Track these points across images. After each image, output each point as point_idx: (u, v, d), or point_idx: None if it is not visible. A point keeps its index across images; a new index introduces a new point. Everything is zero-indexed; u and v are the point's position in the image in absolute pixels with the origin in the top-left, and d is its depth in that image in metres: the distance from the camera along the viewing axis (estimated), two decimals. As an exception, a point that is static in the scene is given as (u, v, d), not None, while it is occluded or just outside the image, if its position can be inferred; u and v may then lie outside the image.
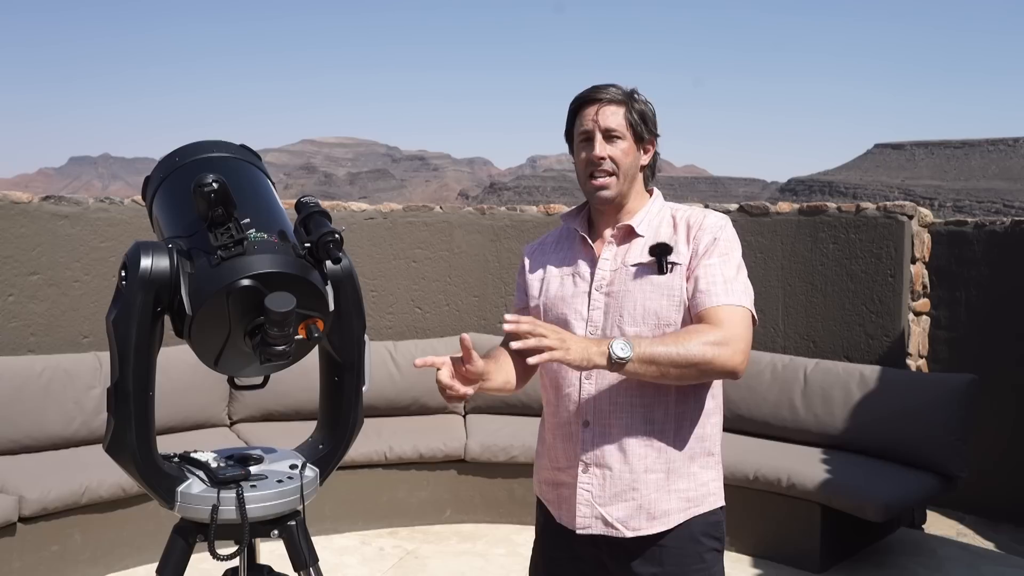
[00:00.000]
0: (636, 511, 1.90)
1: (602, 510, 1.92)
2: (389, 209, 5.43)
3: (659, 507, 1.90)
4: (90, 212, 4.62)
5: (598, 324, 1.93)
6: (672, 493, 1.91)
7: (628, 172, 1.95)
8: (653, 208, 2.00)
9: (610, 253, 1.98)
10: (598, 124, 1.93)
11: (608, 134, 1.92)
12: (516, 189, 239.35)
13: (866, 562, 4.13)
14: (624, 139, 1.93)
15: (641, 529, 1.90)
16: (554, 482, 2.02)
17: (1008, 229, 4.97)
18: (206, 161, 1.67)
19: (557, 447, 2.01)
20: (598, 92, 1.95)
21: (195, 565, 1.64)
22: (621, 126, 1.93)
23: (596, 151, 1.92)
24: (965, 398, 4.22)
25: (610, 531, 1.92)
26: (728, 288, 1.87)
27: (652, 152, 2.01)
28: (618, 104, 1.93)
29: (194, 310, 1.49)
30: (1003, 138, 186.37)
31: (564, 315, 1.97)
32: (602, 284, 1.95)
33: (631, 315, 1.90)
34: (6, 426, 4.00)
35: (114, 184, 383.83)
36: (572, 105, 1.99)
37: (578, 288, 1.98)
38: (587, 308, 1.95)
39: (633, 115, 1.94)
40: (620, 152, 1.93)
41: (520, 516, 4.46)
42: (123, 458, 1.55)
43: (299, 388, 3.06)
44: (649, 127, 1.97)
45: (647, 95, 2.00)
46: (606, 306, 1.93)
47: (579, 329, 1.94)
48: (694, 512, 1.93)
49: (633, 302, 1.90)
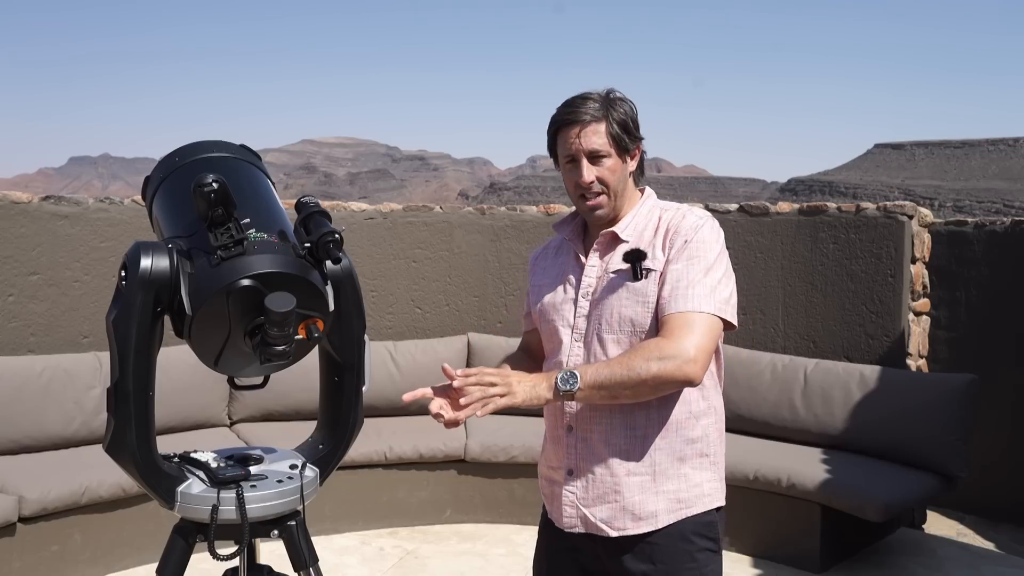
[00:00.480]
0: (620, 512, 1.92)
1: (585, 511, 1.95)
2: (389, 209, 5.43)
3: (645, 508, 1.91)
4: (90, 212, 4.62)
5: (582, 331, 1.96)
6: (660, 494, 1.91)
7: (618, 187, 1.94)
8: (642, 211, 1.99)
9: (596, 260, 1.98)
10: (581, 148, 1.90)
11: (593, 156, 1.90)
12: (516, 189, 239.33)
13: (866, 562, 4.13)
14: (609, 156, 1.91)
15: (627, 529, 1.92)
16: (549, 479, 2.07)
17: (1008, 229, 4.97)
18: (206, 161, 1.67)
19: (548, 448, 2.08)
20: (576, 112, 1.90)
21: (195, 565, 1.64)
22: (605, 145, 1.90)
23: (584, 177, 1.91)
24: (965, 398, 4.22)
25: (594, 531, 1.95)
26: (688, 293, 1.83)
27: (638, 156, 1.99)
28: (598, 121, 1.90)
29: (194, 310, 1.49)
30: (1003, 138, 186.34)
31: (553, 321, 2.01)
32: (588, 291, 1.97)
33: (608, 322, 1.91)
34: (6, 426, 4.01)
35: (114, 184, 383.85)
36: (551, 127, 1.96)
37: (567, 295, 2.00)
38: (573, 315, 1.97)
39: (614, 128, 1.90)
40: (607, 171, 1.91)
41: (520, 516, 4.46)
42: (123, 458, 1.55)
43: (299, 388, 3.06)
44: (632, 135, 1.93)
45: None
46: (589, 313, 1.95)
47: (566, 336, 1.97)
48: (686, 513, 1.92)
49: (610, 309, 1.91)
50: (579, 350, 1.95)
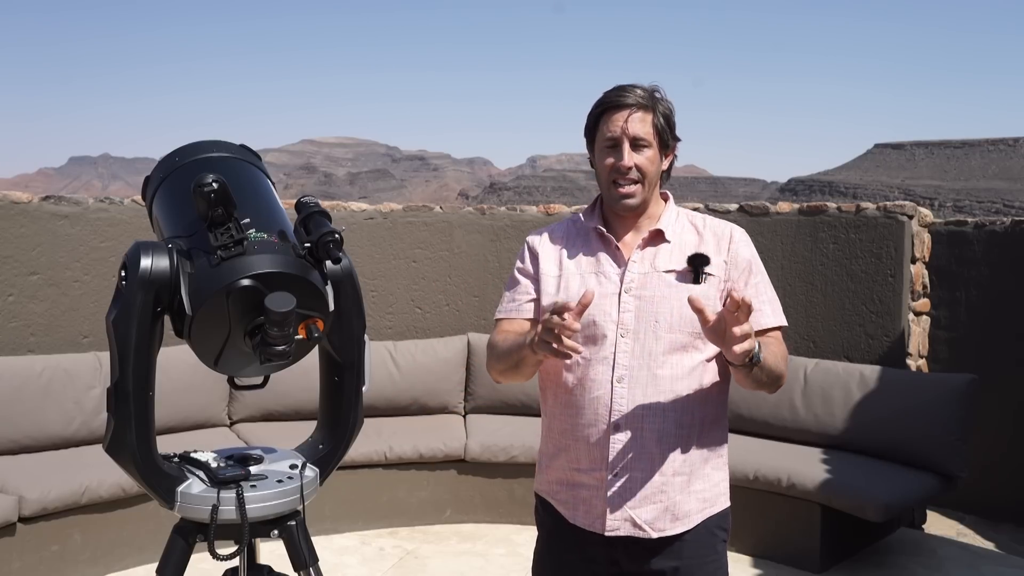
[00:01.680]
0: (663, 513, 1.92)
1: (632, 512, 1.92)
2: (389, 209, 5.43)
3: (682, 508, 1.93)
4: (90, 212, 4.62)
5: (629, 327, 1.92)
6: (692, 494, 1.94)
7: (653, 180, 1.96)
8: (672, 213, 2.02)
9: (638, 256, 1.97)
10: (627, 132, 1.91)
11: (635, 142, 1.92)
12: (516, 189, 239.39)
13: (866, 562, 4.13)
14: (650, 147, 1.93)
15: (666, 530, 1.93)
16: (571, 483, 1.99)
17: (1008, 229, 4.97)
18: (206, 161, 1.67)
19: (579, 449, 1.96)
20: (626, 96, 1.93)
21: (195, 565, 1.64)
22: (649, 134, 1.92)
23: (624, 160, 1.91)
24: (965, 398, 4.22)
25: (638, 532, 1.92)
26: (774, 308, 1.98)
27: (672, 157, 2.01)
28: (646, 110, 1.92)
29: (194, 310, 1.49)
30: (1003, 138, 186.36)
31: (592, 315, 1.91)
32: (631, 287, 1.94)
33: (667, 320, 1.90)
34: (6, 426, 4.00)
35: (114, 184, 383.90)
36: (597, 108, 1.97)
37: (604, 289, 1.95)
38: (617, 310, 1.93)
39: (659, 120, 1.93)
40: (646, 160, 1.93)
41: (520, 516, 4.46)
42: (123, 458, 1.55)
43: (299, 388, 3.06)
44: (672, 132, 1.97)
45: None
46: (637, 309, 1.92)
47: (610, 331, 1.92)
48: (709, 512, 1.97)
49: (669, 308, 1.91)
50: (627, 345, 1.91)
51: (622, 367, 1.91)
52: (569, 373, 1.97)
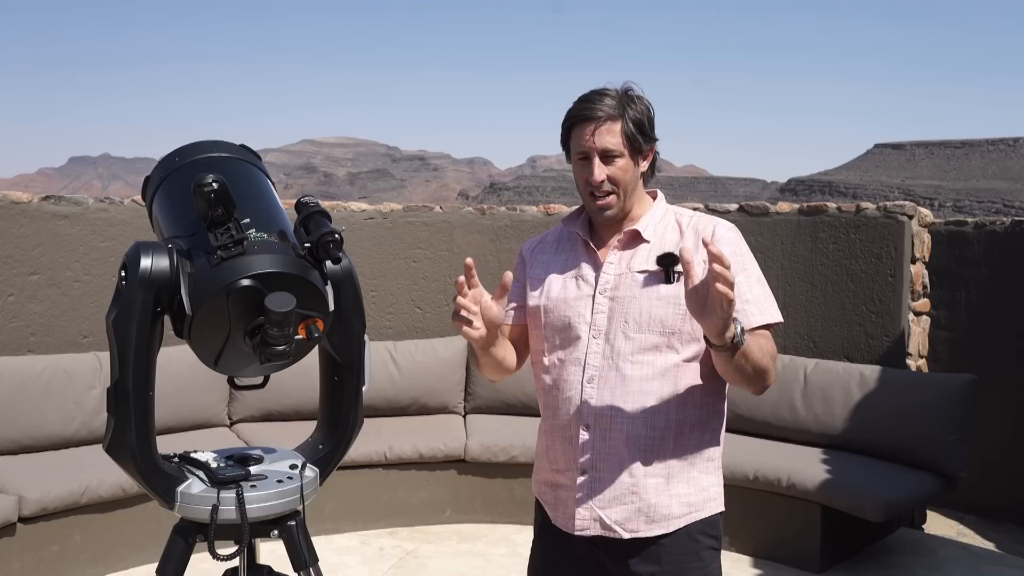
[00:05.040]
0: (635, 514, 1.90)
1: (600, 512, 1.91)
2: (389, 209, 5.43)
3: (659, 511, 1.90)
4: (90, 212, 4.62)
5: (601, 328, 1.92)
6: (673, 497, 1.91)
7: (628, 187, 1.93)
8: (657, 213, 1.99)
9: (615, 257, 1.96)
10: (595, 146, 1.88)
11: (605, 154, 1.89)
12: (516, 189, 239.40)
13: (866, 562, 4.13)
14: (622, 156, 1.89)
15: (639, 531, 1.90)
16: (552, 483, 2.01)
17: (1008, 229, 4.97)
18: (206, 161, 1.67)
19: (556, 449, 1.99)
20: (592, 109, 1.89)
21: (195, 565, 1.64)
22: (618, 144, 1.88)
23: (595, 175, 1.89)
24: (965, 398, 4.22)
25: (608, 532, 1.92)
26: (762, 307, 1.89)
27: (651, 156, 1.98)
28: (613, 120, 1.88)
29: (194, 310, 1.49)
30: (1003, 138, 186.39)
31: (567, 317, 1.95)
32: (606, 288, 1.94)
33: (636, 321, 1.89)
34: (6, 426, 4.00)
35: (114, 184, 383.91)
36: (566, 122, 1.94)
37: (581, 291, 1.96)
38: (590, 312, 1.94)
39: (629, 127, 1.88)
40: (619, 170, 1.90)
41: (520, 516, 4.45)
42: (123, 458, 1.55)
43: (299, 388, 3.06)
44: (647, 135, 1.92)
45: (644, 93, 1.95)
46: (610, 310, 1.92)
47: (583, 332, 1.93)
48: (696, 516, 1.93)
49: (639, 309, 1.89)
50: (598, 347, 1.91)
51: (592, 368, 1.91)
52: (547, 375, 2.00)
